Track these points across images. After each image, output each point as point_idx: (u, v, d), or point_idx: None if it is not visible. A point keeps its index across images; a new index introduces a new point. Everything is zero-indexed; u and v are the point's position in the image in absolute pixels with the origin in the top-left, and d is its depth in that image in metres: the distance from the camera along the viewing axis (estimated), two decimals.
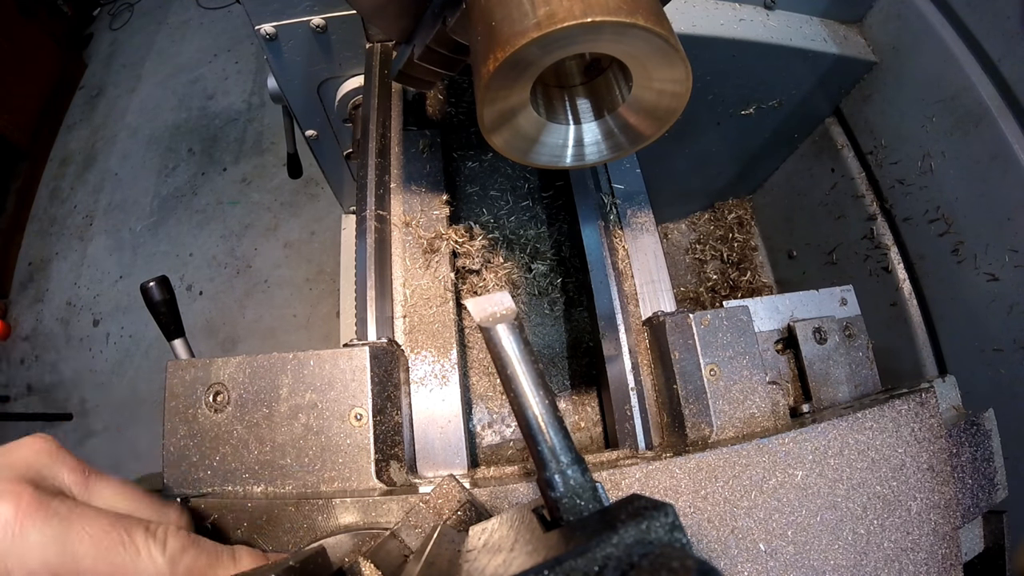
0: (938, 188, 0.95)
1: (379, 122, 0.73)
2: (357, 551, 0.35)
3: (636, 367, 0.55)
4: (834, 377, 0.53)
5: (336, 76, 0.91)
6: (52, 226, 2.75)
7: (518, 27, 0.25)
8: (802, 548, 0.39)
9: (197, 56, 3.04)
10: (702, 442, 0.47)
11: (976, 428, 0.52)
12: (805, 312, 0.56)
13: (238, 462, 0.41)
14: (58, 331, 2.48)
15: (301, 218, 2.45)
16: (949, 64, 0.91)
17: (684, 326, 0.49)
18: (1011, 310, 0.85)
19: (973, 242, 0.90)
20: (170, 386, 0.43)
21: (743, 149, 1.24)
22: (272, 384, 0.42)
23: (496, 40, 0.26)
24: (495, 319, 0.24)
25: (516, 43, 0.25)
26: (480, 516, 0.35)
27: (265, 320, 2.30)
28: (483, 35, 0.27)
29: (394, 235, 0.66)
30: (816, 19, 1.04)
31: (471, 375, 0.74)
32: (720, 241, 1.39)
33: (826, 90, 1.10)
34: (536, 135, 0.30)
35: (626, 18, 0.24)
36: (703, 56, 0.95)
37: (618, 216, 0.70)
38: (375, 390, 0.43)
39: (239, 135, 2.73)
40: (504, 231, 0.79)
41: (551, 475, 0.23)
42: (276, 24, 0.81)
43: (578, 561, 0.18)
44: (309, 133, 1.05)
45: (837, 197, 1.17)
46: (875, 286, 1.09)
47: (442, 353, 0.59)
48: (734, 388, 0.48)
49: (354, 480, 0.41)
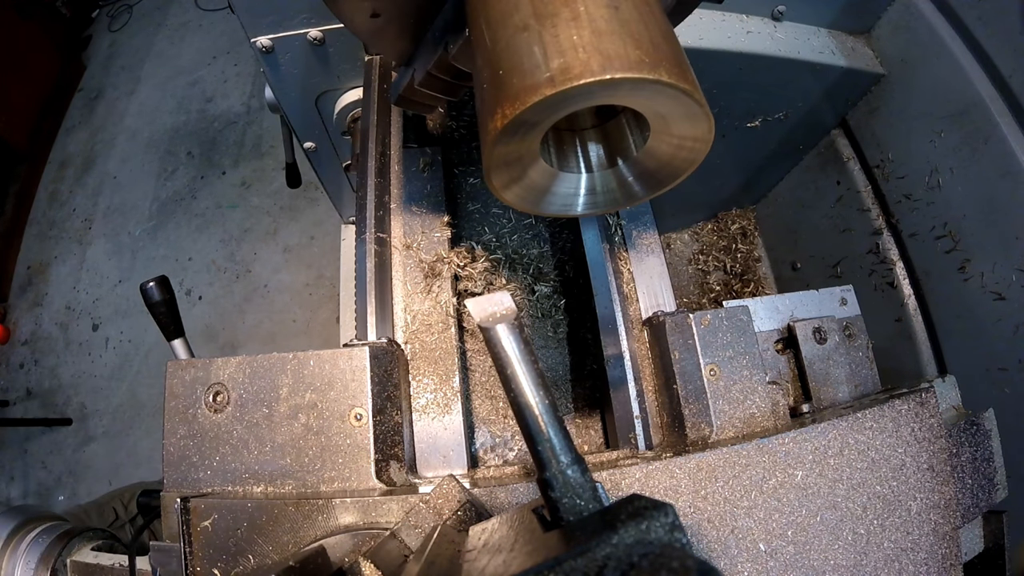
0: (945, 204, 0.94)
1: (378, 139, 0.72)
2: (357, 551, 0.35)
3: (636, 367, 0.55)
4: (834, 377, 0.53)
5: (334, 88, 0.90)
6: (51, 229, 2.74)
7: (529, 81, 0.23)
8: (802, 548, 0.39)
9: (196, 58, 3.02)
10: (702, 442, 0.46)
11: (976, 428, 0.52)
12: (805, 312, 0.56)
13: (238, 462, 0.41)
14: (57, 335, 2.47)
15: (301, 222, 2.44)
16: (959, 78, 0.89)
17: (684, 326, 0.49)
18: (1017, 330, 0.84)
19: (980, 260, 0.89)
20: (170, 386, 0.42)
21: (748, 160, 1.23)
22: (272, 384, 0.42)
23: (504, 94, 0.24)
24: (495, 319, 0.24)
25: (527, 100, 0.23)
26: (480, 516, 0.35)
27: (265, 325, 2.29)
28: (489, 83, 0.25)
29: (395, 258, 0.65)
30: (824, 30, 1.02)
31: (474, 398, 0.73)
32: (723, 252, 1.38)
33: (833, 102, 1.08)
34: (547, 186, 0.28)
35: (648, 74, 0.22)
36: (710, 69, 0.93)
37: (623, 237, 0.68)
38: (375, 390, 0.43)
39: (238, 138, 2.71)
40: (506, 250, 0.77)
41: (551, 475, 0.23)
42: (272, 37, 0.79)
43: (578, 561, 0.18)
44: (307, 145, 1.04)
45: (842, 210, 1.16)
46: (880, 301, 1.08)
47: (444, 381, 0.58)
48: (734, 388, 0.47)
49: (354, 480, 0.41)
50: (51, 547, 0.54)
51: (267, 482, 0.41)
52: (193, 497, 0.38)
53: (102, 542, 0.57)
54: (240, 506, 0.37)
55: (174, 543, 0.40)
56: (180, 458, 0.41)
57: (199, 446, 0.41)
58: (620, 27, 0.24)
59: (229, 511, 0.37)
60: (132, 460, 2.17)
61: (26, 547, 0.55)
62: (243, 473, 0.41)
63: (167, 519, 0.41)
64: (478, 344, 0.75)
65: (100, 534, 0.58)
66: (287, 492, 0.40)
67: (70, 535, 0.56)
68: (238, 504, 0.37)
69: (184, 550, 0.37)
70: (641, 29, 0.25)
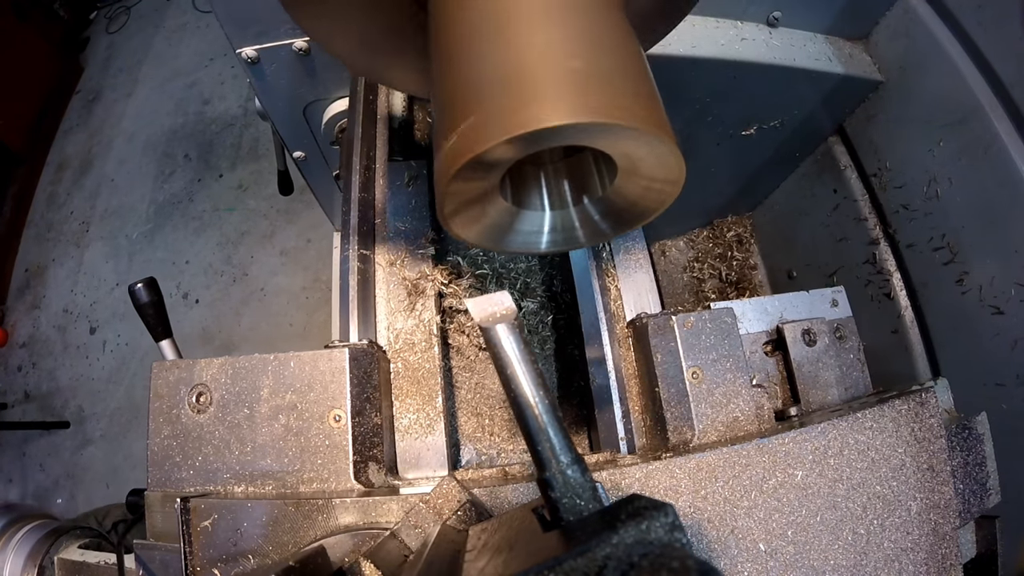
0: (944, 215, 0.92)
1: (363, 153, 0.71)
2: (357, 551, 0.35)
3: (620, 371, 0.54)
4: (823, 380, 0.53)
5: (321, 99, 0.89)
6: (49, 232, 2.75)
7: (491, 120, 0.22)
8: (802, 548, 0.39)
9: (194, 60, 3.01)
10: (683, 446, 0.46)
11: (968, 432, 0.52)
12: (795, 313, 0.55)
13: (220, 462, 0.41)
14: (55, 338, 2.47)
15: (297, 225, 2.43)
16: (958, 85, 0.87)
17: (666, 328, 0.48)
18: (1015, 345, 0.82)
19: (979, 273, 0.87)
20: (155, 387, 0.43)
21: (743, 168, 1.21)
22: (253, 385, 0.42)
23: (463, 131, 0.22)
24: (495, 319, 0.24)
25: (487, 142, 0.21)
26: (480, 516, 0.35)
27: (262, 329, 2.29)
28: (446, 115, 0.24)
29: (378, 275, 0.64)
30: (821, 36, 1.01)
31: (460, 416, 0.72)
32: (719, 259, 1.36)
33: (830, 109, 1.06)
34: (509, 224, 0.27)
35: (620, 120, 0.21)
36: (703, 78, 0.91)
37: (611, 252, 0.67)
38: (354, 392, 0.43)
39: (235, 141, 2.70)
40: (493, 264, 0.76)
41: (551, 475, 0.23)
42: (257, 47, 0.78)
43: (578, 561, 0.18)
44: (297, 154, 1.03)
45: (839, 218, 1.14)
46: (876, 312, 1.06)
47: (427, 401, 0.57)
48: (717, 391, 0.47)
49: (332, 481, 0.41)
50: (39, 544, 0.55)
51: (248, 482, 0.41)
52: (193, 497, 0.38)
53: (89, 540, 0.58)
54: (239, 506, 0.37)
55: (158, 541, 0.41)
56: (164, 457, 0.42)
57: (182, 446, 0.42)
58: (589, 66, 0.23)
59: (229, 511, 0.37)
60: (129, 463, 2.18)
61: (15, 545, 0.55)
62: (224, 473, 0.41)
63: (151, 517, 0.42)
64: (464, 361, 0.74)
65: (88, 532, 0.59)
66: (267, 492, 0.41)
67: (58, 533, 0.56)
68: (238, 504, 0.37)
69: (184, 550, 0.38)
70: (612, 68, 0.23)
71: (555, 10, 0.23)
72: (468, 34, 0.24)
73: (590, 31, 0.23)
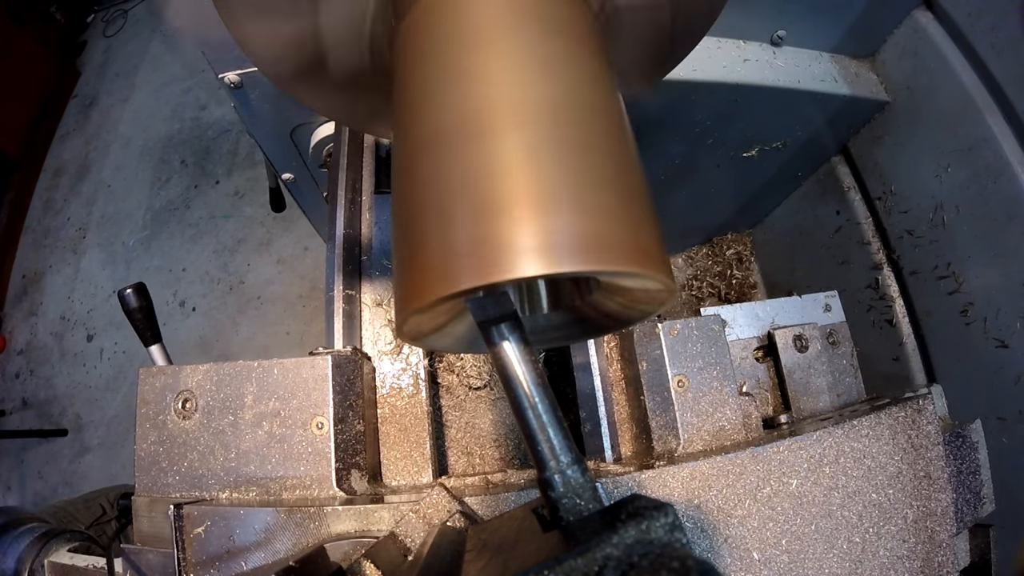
0: (950, 243, 0.89)
1: (348, 186, 0.69)
2: (357, 551, 0.35)
3: (605, 377, 0.53)
4: (815, 386, 0.51)
5: (308, 122, 0.86)
6: (46, 238, 2.74)
7: (453, 264, 0.19)
8: (796, 557, 0.38)
9: (191, 64, 2.98)
10: (668, 455, 0.45)
11: (962, 440, 0.51)
12: (787, 318, 0.54)
13: (204, 468, 0.42)
14: (52, 345, 2.47)
15: (294, 233, 2.41)
16: (969, 110, 0.84)
17: (652, 336, 0.47)
18: (1019, 379, 0.80)
19: (984, 304, 0.85)
20: (142, 392, 0.43)
21: (744, 188, 1.18)
22: (237, 392, 0.43)
23: (421, 271, 0.19)
24: (495, 319, 0.24)
25: (446, 289, 0.18)
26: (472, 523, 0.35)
27: (259, 338, 2.28)
28: (404, 243, 0.21)
29: (364, 316, 0.62)
30: (826, 55, 0.97)
31: (449, 455, 0.70)
32: (718, 277, 1.34)
33: (834, 130, 1.03)
34: (476, 334, 0.25)
35: (620, 267, 0.18)
36: (705, 102, 0.89)
37: None
38: (336, 399, 0.43)
39: (232, 147, 2.68)
40: None
41: (551, 475, 0.23)
42: (240, 72, 0.76)
43: (578, 561, 0.18)
44: (286, 176, 1.01)
45: (841, 241, 1.11)
46: (878, 339, 1.04)
47: (415, 447, 0.56)
48: (703, 400, 0.46)
49: (315, 488, 0.41)
50: (30, 548, 0.55)
51: (232, 488, 0.41)
52: (187, 504, 0.38)
53: (79, 543, 0.58)
54: (233, 513, 0.37)
55: (144, 546, 0.41)
56: (151, 463, 0.42)
57: (168, 452, 0.42)
58: (575, 194, 0.19)
59: (222, 518, 0.37)
60: (127, 472, 2.17)
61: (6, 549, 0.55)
62: (210, 479, 0.42)
63: (138, 522, 0.42)
64: (454, 400, 0.72)
65: (78, 536, 0.58)
66: (251, 499, 0.41)
67: (48, 536, 0.56)
68: (231, 512, 0.37)
69: (177, 556, 0.38)
70: (601, 197, 0.19)
71: (531, 117, 0.20)
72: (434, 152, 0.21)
73: (583, 144, 0.20)
